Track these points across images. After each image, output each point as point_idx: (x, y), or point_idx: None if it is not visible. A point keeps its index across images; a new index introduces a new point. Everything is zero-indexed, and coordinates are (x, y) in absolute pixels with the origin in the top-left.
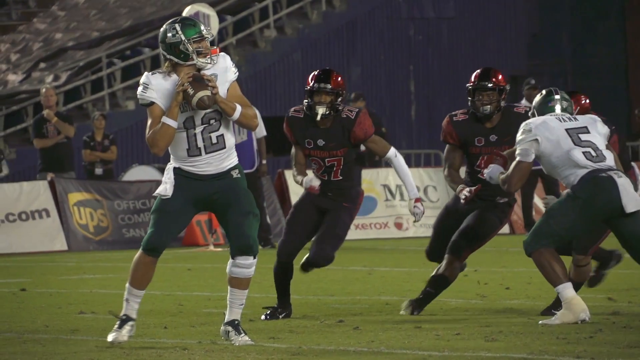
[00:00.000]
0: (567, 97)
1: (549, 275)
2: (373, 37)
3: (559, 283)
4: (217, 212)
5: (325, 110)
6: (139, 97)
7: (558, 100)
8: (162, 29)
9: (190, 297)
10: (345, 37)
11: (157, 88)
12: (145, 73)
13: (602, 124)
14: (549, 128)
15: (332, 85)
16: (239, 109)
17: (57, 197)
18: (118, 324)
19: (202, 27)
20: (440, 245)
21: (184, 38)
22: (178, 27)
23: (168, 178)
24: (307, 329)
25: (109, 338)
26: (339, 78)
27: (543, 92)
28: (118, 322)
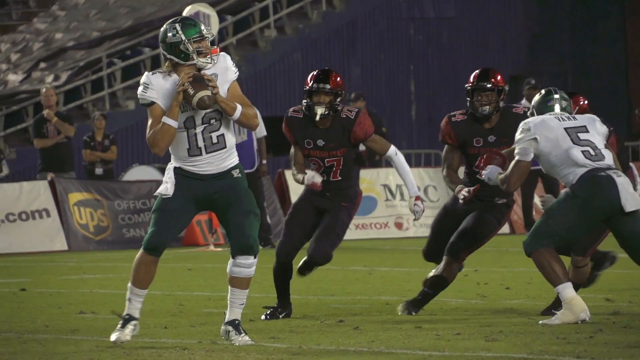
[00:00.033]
0: (566, 96)
1: (549, 275)
2: (373, 37)
3: (559, 283)
4: (217, 211)
5: (324, 111)
6: (140, 97)
7: (557, 100)
8: (162, 29)
9: (191, 297)
10: (346, 37)
11: (157, 88)
12: (146, 73)
13: (601, 124)
14: (548, 127)
15: (331, 86)
16: (240, 109)
17: (57, 197)
18: (121, 324)
19: (202, 26)
20: (438, 246)
21: (184, 38)
22: (178, 26)
23: (169, 177)
24: (307, 329)
25: (112, 337)
26: (338, 78)
27: (542, 91)
28: (121, 321)
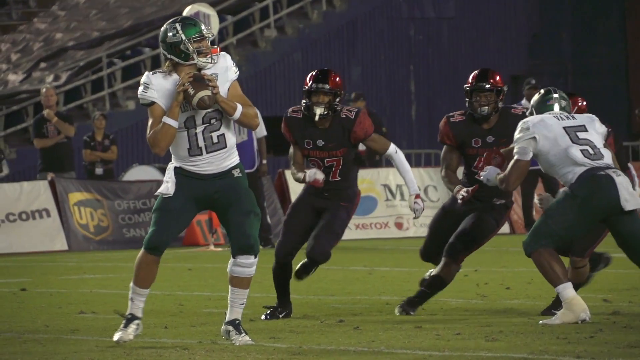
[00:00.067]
0: (565, 96)
1: (549, 276)
2: (373, 37)
3: (559, 283)
4: (218, 211)
5: (323, 111)
6: (140, 96)
7: (556, 99)
8: (162, 29)
9: (191, 297)
10: (346, 37)
11: (157, 88)
12: (146, 73)
13: (599, 123)
14: (547, 126)
15: (330, 86)
16: (240, 109)
17: (57, 197)
18: (124, 323)
19: (202, 26)
20: (435, 246)
21: (185, 37)
22: (178, 26)
23: (169, 177)
24: (307, 329)
25: (115, 337)
26: (337, 78)
27: (541, 91)
28: (124, 321)
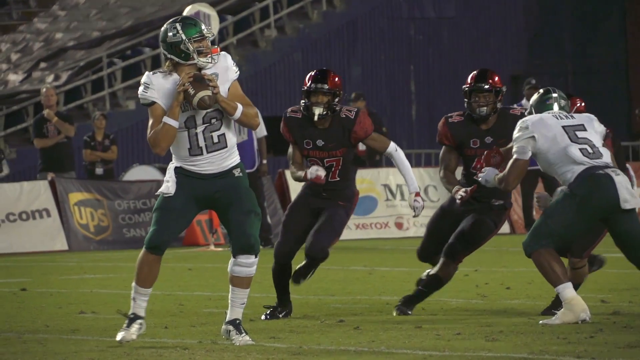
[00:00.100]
0: (564, 95)
1: (549, 276)
2: (373, 37)
3: (559, 283)
4: (218, 210)
5: (322, 111)
6: (140, 96)
7: (556, 99)
8: (162, 29)
9: (191, 297)
10: (346, 37)
11: (158, 88)
12: (146, 73)
13: (598, 123)
14: (546, 125)
15: (329, 86)
16: (240, 108)
17: (57, 196)
18: (126, 323)
19: (202, 26)
20: (433, 246)
21: (185, 37)
22: (179, 26)
23: (170, 177)
24: (307, 329)
25: (118, 337)
26: (336, 78)
27: (540, 90)
28: (126, 320)
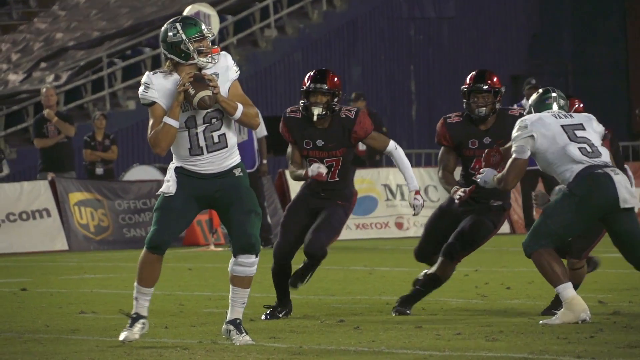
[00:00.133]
0: (563, 95)
1: (549, 276)
2: (373, 37)
3: (559, 283)
4: (219, 210)
5: (322, 111)
6: (140, 96)
7: (555, 98)
8: (163, 29)
9: (191, 297)
10: (346, 36)
11: (158, 88)
12: (147, 72)
13: (597, 122)
14: (545, 124)
15: (328, 86)
16: (241, 108)
17: (57, 196)
18: (129, 323)
19: (203, 26)
20: (430, 246)
21: (185, 37)
22: (179, 26)
23: (170, 176)
24: (307, 329)
25: (121, 337)
26: (335, 78)
27: (539, 90)
28: (129, 320)
